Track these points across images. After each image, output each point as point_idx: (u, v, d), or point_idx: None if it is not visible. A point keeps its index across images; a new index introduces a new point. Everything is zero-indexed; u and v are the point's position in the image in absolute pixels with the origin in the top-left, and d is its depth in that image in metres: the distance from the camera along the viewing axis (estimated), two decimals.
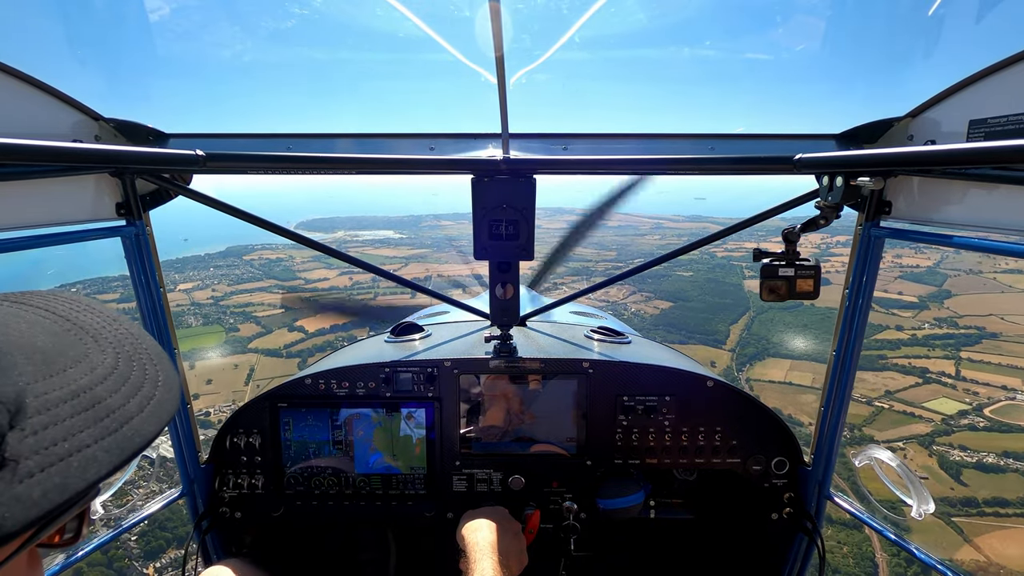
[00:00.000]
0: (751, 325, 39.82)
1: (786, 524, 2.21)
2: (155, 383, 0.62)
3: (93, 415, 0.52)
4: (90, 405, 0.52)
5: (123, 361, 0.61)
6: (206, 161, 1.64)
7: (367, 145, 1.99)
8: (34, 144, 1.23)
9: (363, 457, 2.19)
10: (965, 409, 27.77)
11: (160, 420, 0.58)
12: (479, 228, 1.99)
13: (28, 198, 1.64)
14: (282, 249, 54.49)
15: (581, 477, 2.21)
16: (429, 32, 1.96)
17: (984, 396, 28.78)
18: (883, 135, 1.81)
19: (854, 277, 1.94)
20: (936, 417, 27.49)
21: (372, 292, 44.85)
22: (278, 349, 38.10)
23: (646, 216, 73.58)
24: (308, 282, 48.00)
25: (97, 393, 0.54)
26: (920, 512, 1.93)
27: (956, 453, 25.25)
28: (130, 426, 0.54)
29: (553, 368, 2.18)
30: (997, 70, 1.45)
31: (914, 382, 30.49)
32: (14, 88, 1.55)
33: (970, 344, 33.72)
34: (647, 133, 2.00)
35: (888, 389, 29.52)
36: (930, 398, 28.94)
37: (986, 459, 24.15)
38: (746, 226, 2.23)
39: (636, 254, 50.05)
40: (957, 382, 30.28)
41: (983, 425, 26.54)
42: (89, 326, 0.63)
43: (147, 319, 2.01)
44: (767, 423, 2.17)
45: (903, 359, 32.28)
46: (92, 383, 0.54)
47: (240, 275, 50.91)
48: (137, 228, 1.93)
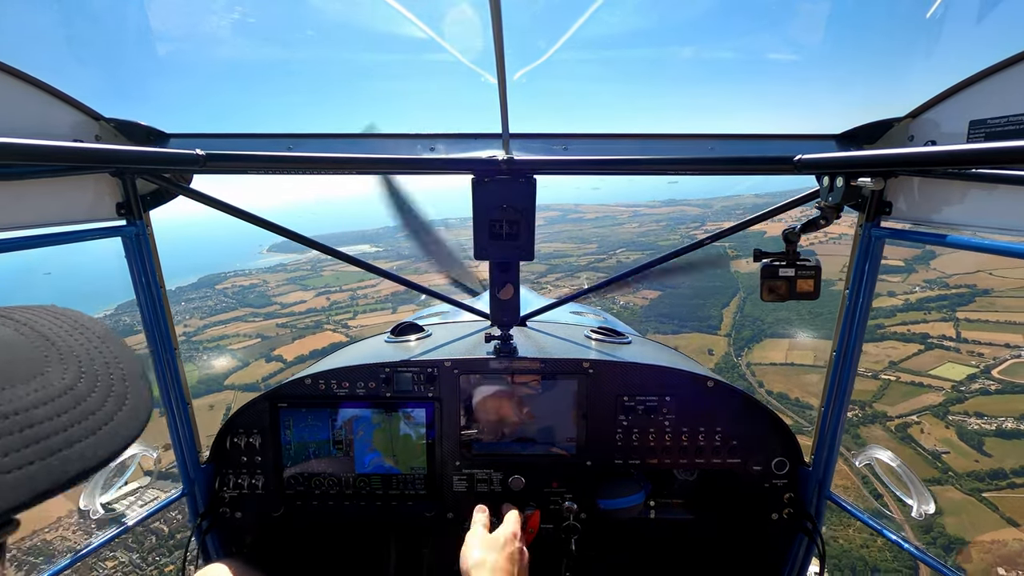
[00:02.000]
0: (743, 306, 39.17)
1: (786, 524, 2.21)
2: (119, 405, 0.59)
3: (20, 439, 0.48)
4: (19, 428, 0.49)
5: (85, 381, 0.58)
6: (206, 161, 1.64)
7: (368, 145, 1.99)
8: (34, 144, 1.23)
9: (363, 457, 2.19)
10: (974, 373, 27.17)
11: (112, 446, 0.55)
12: (479, 228, 1.99)
13: (28, 198, 1.64)
14: (255, 275, 53.41)
15: (581, 477, 2.21)
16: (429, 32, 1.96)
17: (989, 356, 28.24)
18: (883, 135, 1.81)
19: (854, 278, 1.94)
20: (946, 384, 26.86)
21: (351, 311, 44.29)
22: (255, 383, 36.93)
23: (623, 205, 73.07)
24: (284, 306, 47.18)
25: (33, 415, 0.51)
26: (920, 512, 1.93)
27: (973, 421, 24.54)
28: (72, 451, 0.51)
29: (553, 368, 2.18)
30: (997, 70, 1.45)
31: (916, 349, 29.95)
32: (14, 88, 1.54)
33: (964, 304, 33.24)
34: (647, 133, 2.00)
35: (892, 360, 28.97)
36: (935, 364, 28.41)
37: (1006, 424, 23.56)
38: (747, 226, 2.23)
39: (617, 244, 49.15)
40: (960, 344, 29.70)
41: (995, 388, 25.96)
42: (63, 343, 0.61)
43: (147, 319, 2.01)
44: (767, 423, 2.17)
45: (901, 326, 31.79)
46: (33, 403, 0.52)
47: (213, 306, 49.10)
48: (137, 228, 1.93)
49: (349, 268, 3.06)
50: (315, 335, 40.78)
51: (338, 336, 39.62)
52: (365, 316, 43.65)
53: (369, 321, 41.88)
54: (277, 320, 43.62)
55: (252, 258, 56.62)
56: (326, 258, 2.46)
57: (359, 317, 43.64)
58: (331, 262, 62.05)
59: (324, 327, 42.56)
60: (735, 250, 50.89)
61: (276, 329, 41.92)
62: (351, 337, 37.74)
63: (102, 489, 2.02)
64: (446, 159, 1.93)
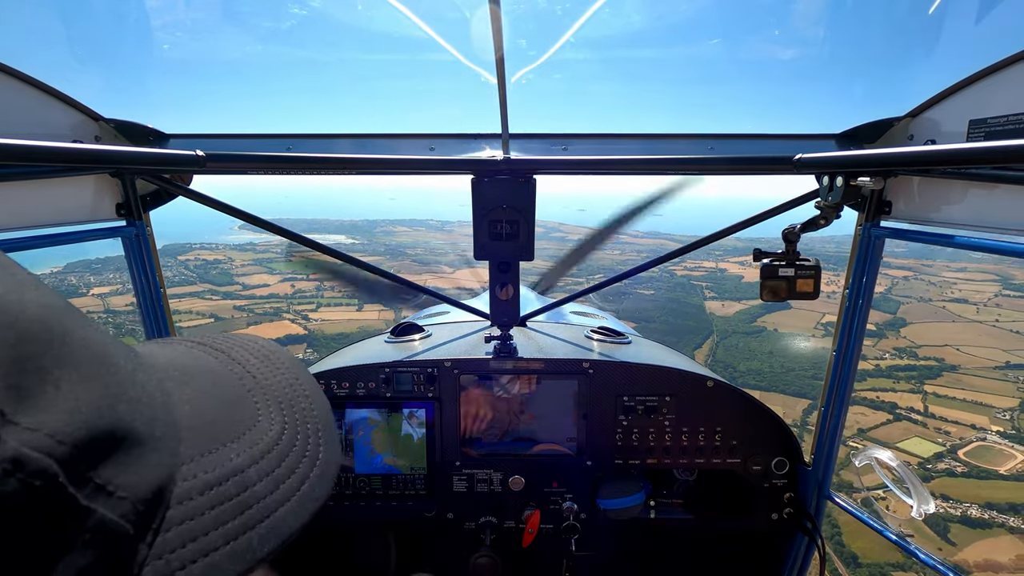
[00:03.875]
0: (715, 351, 38.24)
1: (786, 524, 2.20)
2: (313, 462, 0.49)
3: (234, 506, 0.40)
4: (236, 493, 0.41)
5: (288, 433, 0.49)
6: (206, 161, 1.64)
7: (367, 145, 2.00)
8: (34, 144, 1.23)
9: (363, 457, 2.19)
10: (940, 451, 27.09)
11: (305, 512, 0.45)
12: (479, 228, 1.99)
13: (28, 198, 1.64)
14: (221, 250, 50.45)
15: (581, 477, 2.21)
16: (429, 32, 1.96)
17: (956, 436, 28.18)
18: (883, 135, 1.81)
19: (854, 277, 1.94)
20: (912, 460, 26.46)
21: (315, 302, 41.92)
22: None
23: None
24: (246, 287, 44.46)
25: (248, 476, 0.43)
26: (920, 512, 1.93)
27: (939, 504, 23.99)
28: (270, 520, 0.42)
29: (553, 368, 2.18)
30: (997, 70, 1.45)
31: (885, 419, 29.78)
32: (14, 88, 1.55)
33: (932, 377, 33.26)
34: (647, 133, 2.00)
35: (860, 427, 28.82)
36: (903, 437, 28.22)
37: (970, 511, 23.44)
38: (746, 226, 2.22)
39: (596, 270, 48.48)
40: (927, 419, 29.67)
41: (961, 471, 25.85)
42: (265, 380, 0.52)
43: (147, 320, 2.01)
44: (767, 423, 2.17)
45: (871, 392, 31.60)
46: (248, 462, 0.43)
47: (171, 278, 45.40)
48: (137, 228, 1.93)
49: (320, 256, 3.06)
50: (272, 323, 38.55)
51: (295, 328, 37.54)
52: (328, 310, 41.35)
53: (332, 315, 39.69)
54: (235, 302, 41.04)
55: (223, 232, 53.63)
56: (296, 245, 2.33)
57: (321, 310, 41.40)
58: (302, 248, 61.33)
59: (283, 315, 40.46)
60: (711, 291, 49.06)
61: (232, 311, 39.34)
62: (309, 330, 36.27)
63: None
64: (446, 159, 1.93)
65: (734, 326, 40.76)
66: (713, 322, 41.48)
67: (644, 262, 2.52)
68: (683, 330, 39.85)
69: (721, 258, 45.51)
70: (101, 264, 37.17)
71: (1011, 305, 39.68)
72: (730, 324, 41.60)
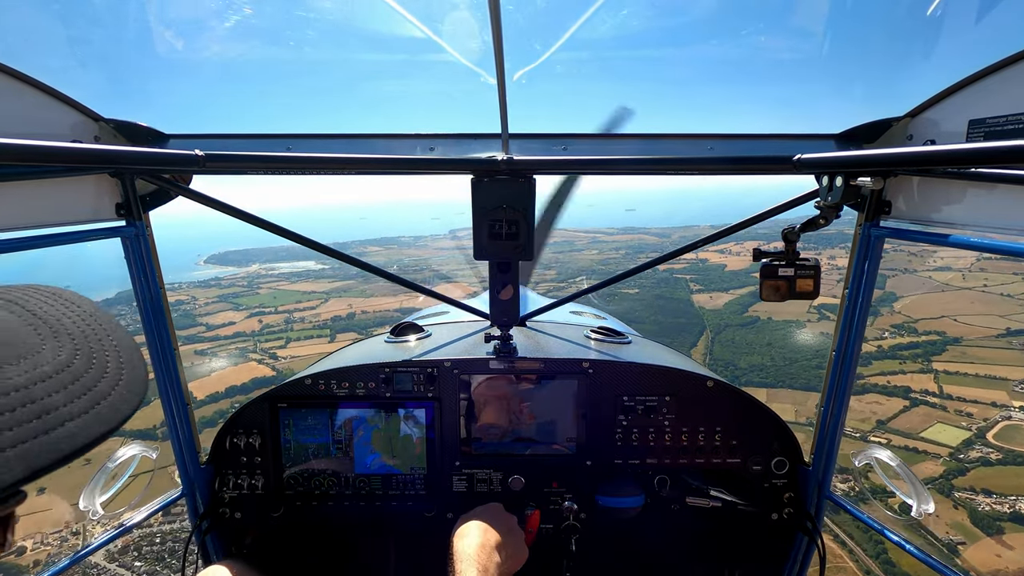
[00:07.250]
0: (712, 348, 36.77)
1: (786, 524, 2.20)
2: (114, 382, 0.60)
3: (19, 415, 0.49)
4: (18, 405, 0.50)
5: (80, 358, 0.59)
6: (206, 161, 1.64)
7: (367, 145, 1.99)
8: (34, 144, 1.23)
9: (363, 457, 2.19)
10: (968, 438, 25.03)
11: (110, 422, 0.56)
12: (479, 228, 1.99)
13: (28, 198, 1.64)
14: (183, 289, 49.07)
15: (581, 477, 2.21)
16: (429, 33, 1.96)
17: (979, 417, 26.43)
18: (883, 135, 1.81)
19: (854, 277, 1.94)
20: (942, 451, 24.33)
21: (284, 337, 40.15)
22: (151, 429, 32.19)
23: (582, 231, 72.42)
24: (210, 328, 42.32)
25: (32, 392, 0.52)
26: (920, 512, 1.93)
27: (983, 500, 21.64)
28: (67, 428, 0.52)
29: (553, 368, 2.18)
30: (997, 70, 1.45)
31: (902, 406, 28.04)
32: (14, 88, 1.54)
33: (937, 353, 31.93)
34: (647, 133, 2.00)
35: (879, 418, 27.10)
36: (925, 425, 26.37)
37: (1019, 506, 21.00)
38: (745, 226, 2.23)
39: (576, 271, 47.24)
40: (945, 401, 27.97)
41: (996, 458, 23.63)
42: (55, 321, 0.62)
43: (147, 320, 2.01)
44: (767, 423, 2.17)
45: (880, 376, 30.11)
46: (29, 381, 0.53)
47: (126, 325, 45.15)
48: (137, 228, 1.93)
49: (288, 287, 3.00)
50: (236, 367, 36.26)
51: (263, 369, 35.61)
52: (298, 344, 39.35)
53: (302, 351, 37.81)
54: (197, 345, 38.88)
55: (186, 269, 51.76)
56: (264, 274, 2.32)
57: (291, 345, 39.34)
58: (272, 278, 54.96)
59: (250, 355, 38.41)
60: (697, 283, 47.10)
61: (193, 357, 37.04)
62: (278, 370, 34.47)
63: (101, 489, 2.02)
64: (445, 159, 1.93)
65: (726, 319, 39.53)
66: (704, 316, 40.31)
67: (647, 261, 2.53)
68: (675, 328, 38.47)
69: (699, 248, 44.07)
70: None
71: (994, 267, 38.50)
72: (722, 317, 40.30)
